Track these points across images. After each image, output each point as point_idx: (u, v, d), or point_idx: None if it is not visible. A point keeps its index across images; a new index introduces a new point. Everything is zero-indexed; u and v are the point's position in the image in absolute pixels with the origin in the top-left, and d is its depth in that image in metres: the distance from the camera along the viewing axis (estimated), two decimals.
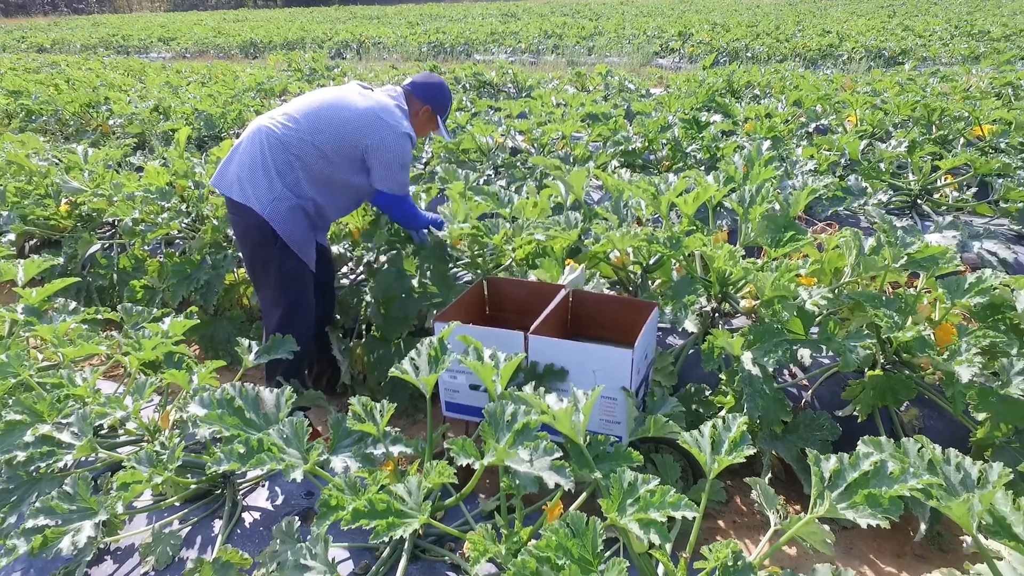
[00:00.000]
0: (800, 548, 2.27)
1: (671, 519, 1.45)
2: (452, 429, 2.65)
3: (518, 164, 4.68)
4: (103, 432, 2.46)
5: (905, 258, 2.42)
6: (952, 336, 2.37)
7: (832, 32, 15.85)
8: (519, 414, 1.61)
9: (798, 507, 2.41)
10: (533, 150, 5.08)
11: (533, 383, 1.82)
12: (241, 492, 2.22)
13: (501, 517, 1.75)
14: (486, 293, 2.56)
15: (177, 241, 4.13)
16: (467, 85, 8.78)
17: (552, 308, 2.21)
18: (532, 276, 2.52)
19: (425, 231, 3.07)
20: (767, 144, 3.41)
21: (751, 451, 1.59)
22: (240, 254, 3.23)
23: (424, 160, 5.18)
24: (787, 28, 17.53)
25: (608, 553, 1.68)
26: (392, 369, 2.06)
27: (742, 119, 5.71)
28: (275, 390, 1.96)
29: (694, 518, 1.48)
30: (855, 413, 2.38)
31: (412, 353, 2.06)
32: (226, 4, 59.29)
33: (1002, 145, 4.70)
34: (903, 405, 2.45)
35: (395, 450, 1.97)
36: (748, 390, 2.09)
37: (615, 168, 4.36)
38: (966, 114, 5.12)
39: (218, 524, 2.08)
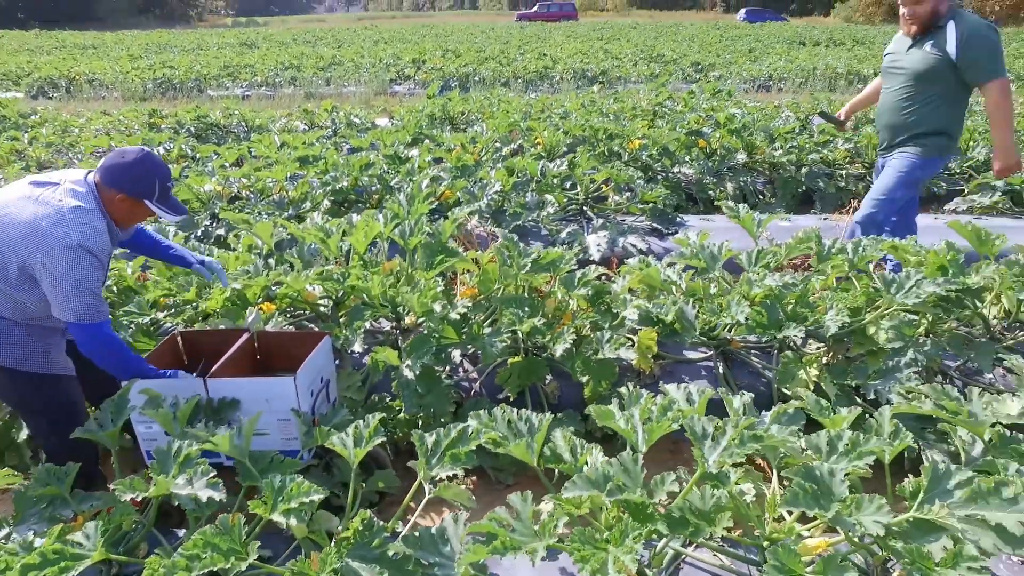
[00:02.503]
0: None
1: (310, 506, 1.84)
2: None
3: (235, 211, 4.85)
4: None
5: (529, 265, 3.12)
6: (570, 321, 3.12)
7: (547, 55, 17.85)
8: (183, 447, 1.91)
9: None
10: (252, 196, 5.26)
11: (210, 419, 2.14)
12: None
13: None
14: (181, 345, 2.78)
15: None
16: (191, 129, 8.54)
17: (234, 351, 2.52)
18: (221, 324, 2.80)
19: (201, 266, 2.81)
20: (426, 182, 4.02)
21: (382, 439, 2.06)
22: None
23: None
24: (511, 52, 19.32)
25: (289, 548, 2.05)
26: (76, 431, 2.23)
27: (451, 147, 6.41)
28: None
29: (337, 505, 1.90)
30: (508, 394, 3.01)
31: (96, 414, 2.25)
32: None
33: (644, 156, 5.92)
34: (546, 380, 3.15)
35: (85, 506, 2.14)
36: (405, 392, 2.59)
37: (327, 207, 4.73)
38: (619, 132, 6.33)
39: None
